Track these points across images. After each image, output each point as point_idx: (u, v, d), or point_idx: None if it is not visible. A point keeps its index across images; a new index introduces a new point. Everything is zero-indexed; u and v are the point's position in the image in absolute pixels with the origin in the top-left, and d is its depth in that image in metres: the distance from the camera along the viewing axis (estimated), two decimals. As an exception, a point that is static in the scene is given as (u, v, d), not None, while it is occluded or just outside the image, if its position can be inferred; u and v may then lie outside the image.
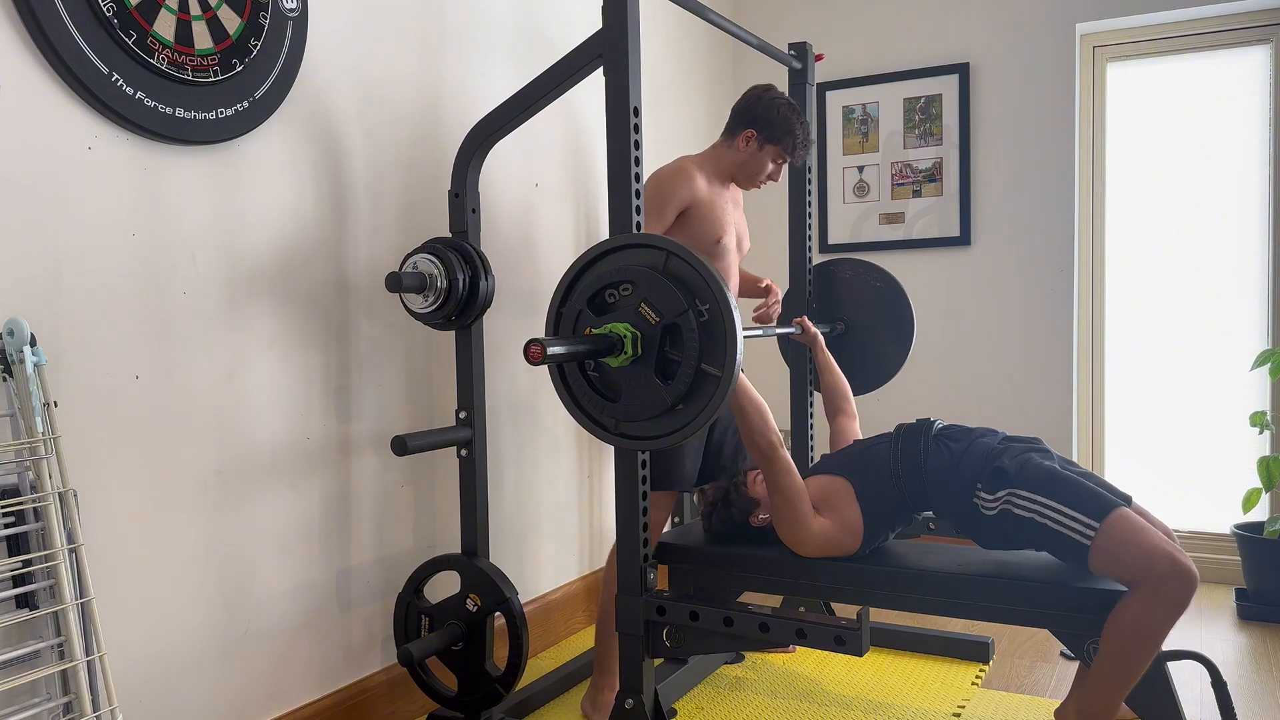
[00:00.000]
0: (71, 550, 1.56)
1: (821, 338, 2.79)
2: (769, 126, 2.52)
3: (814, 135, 2.62)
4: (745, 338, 1.84)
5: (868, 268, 3.02)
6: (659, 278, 1.75)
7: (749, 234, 2.74)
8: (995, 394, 3.72)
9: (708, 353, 1.72)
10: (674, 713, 2.41)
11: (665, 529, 2.69)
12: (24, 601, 1.54)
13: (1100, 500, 1.91)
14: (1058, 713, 2.16)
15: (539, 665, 2.76)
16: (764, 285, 2.79)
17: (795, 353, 3.03)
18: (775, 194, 3.60)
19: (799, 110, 2.57)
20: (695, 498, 3.33)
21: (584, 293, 1.82)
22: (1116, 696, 1.86)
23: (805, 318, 2.80)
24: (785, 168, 2.66)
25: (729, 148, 2.57)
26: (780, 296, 2.80)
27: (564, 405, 1.88)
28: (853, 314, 3.03)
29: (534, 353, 1.65)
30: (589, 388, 1.83)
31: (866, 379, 2.99)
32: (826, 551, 2.18)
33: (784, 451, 2.20)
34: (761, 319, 2.76)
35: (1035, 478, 1.98)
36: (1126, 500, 2.06)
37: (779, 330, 2.78)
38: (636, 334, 1.76)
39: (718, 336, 1.71)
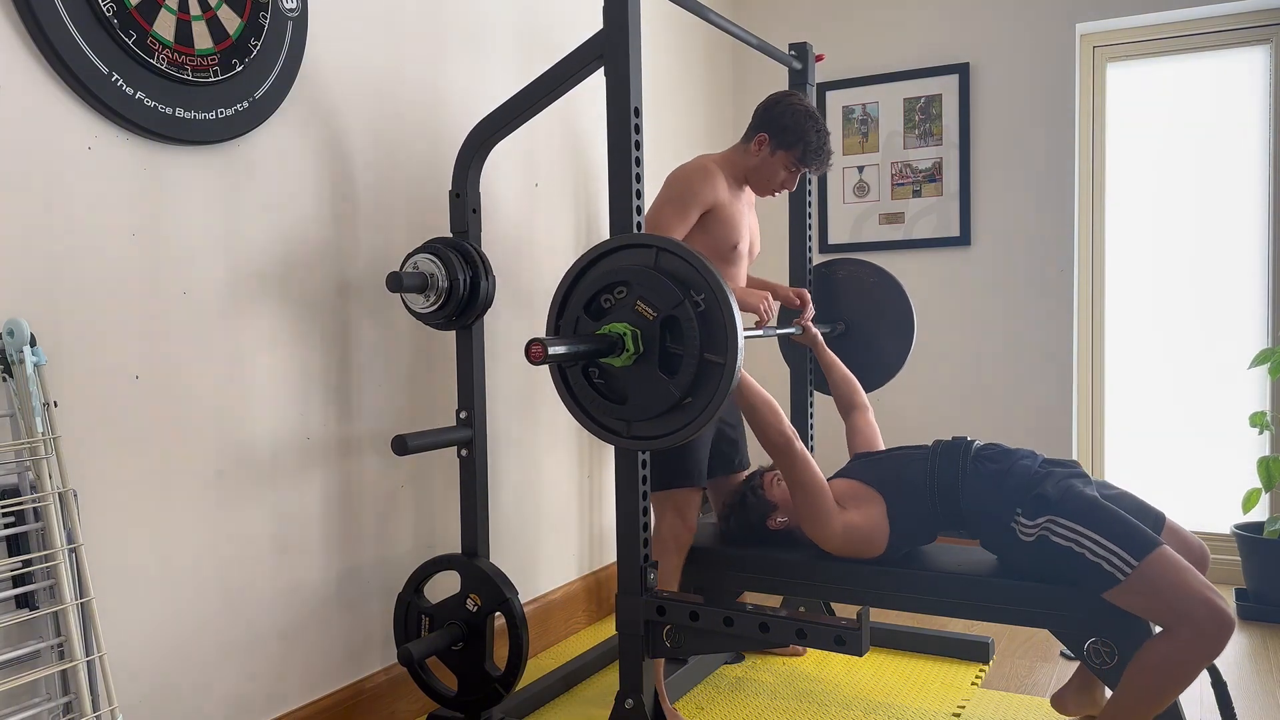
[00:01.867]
0: (71, 550, 1.56)
1: (821, 338, 2.79)
2: (782, 132, 2.46)
3: (831, 146, 2.53)
4: (745, 338, 1.83)
5: (860, 265, 3.02)
6: (651, 274, 1.75)
7: (760, 237, 2.73)
8: (995, 394, 3.72)
9: (708, 342, 1.72)
10: None
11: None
12: (24, 601, 1.54)
13: (1141, 537, 1.89)
14: (1055, 698, 2.16)
15: (539, 665, 2.76)
16: (797, 300, 2.77)
17: (795, 353, 3.03)
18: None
19: (817, 119, 2.49)
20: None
21: (579, 301, 1.83)
22: None
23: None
24: (800, 177, 2.59)
25: (744, 151, 2.53)
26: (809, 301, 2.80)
27: (574, 417, 1.86)
28: (852, 313, 3.03)
29: (535, 352, 1.65)
30: (596, 394, 1.83)
31: (868, 378, 2.98)
32: (850, 551, 2.17)
33: (800, 444, 2.19)
34: (804, 339, 2.77)
35: (1077, 506, 1.97)
36: (1160, 520, 2.05)
37: (779, 331, 2.78)
38: (636, 331, 1.76)
39: (716, 324, 1.71)
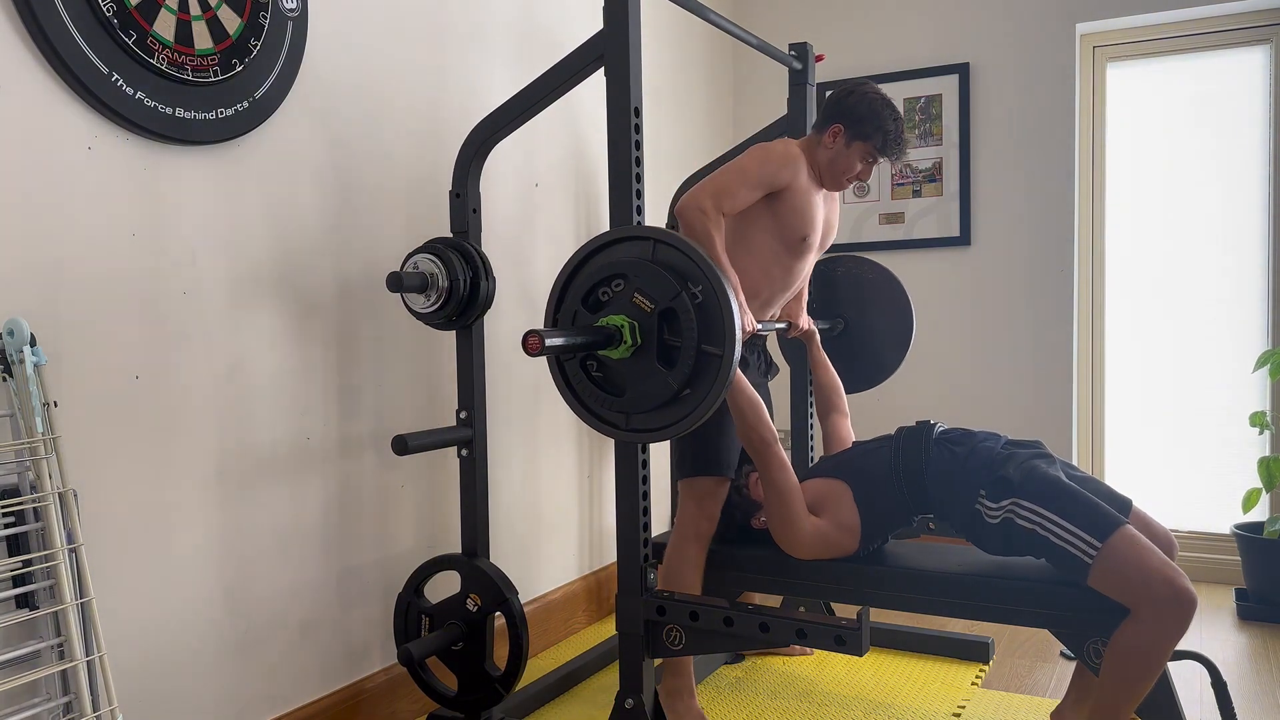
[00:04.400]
0: (71, 550, 1.56)
1: (817, 334, 2.78)
2: (858, 122, 2.37)
3: (905, 133, 2.45)
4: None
5: (860, 262, 3.01)
6: (649, 266, 1.75)
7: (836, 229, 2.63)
8: (995, 394, 3.72)
9: (706, 334, 1.72)
10: None
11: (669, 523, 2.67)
12: (24, 601, 1.54)
13: (1103, 518, 1.89)
14: (1054, 715, 2.16)
15: (539, 665, 2.76)
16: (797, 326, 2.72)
17: (794, 350, 3.03)
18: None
19: (892, 106, 2.42)
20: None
21: (577, 293, 1.82)
22: (1122, 715, 1.86)
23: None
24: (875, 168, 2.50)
25: (818, 144, 2.44)
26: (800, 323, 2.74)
27: (572, 409, 1.87)
28: (850, 311, 3.03)
29: (532, 344, 1.64)
30: (593, 386, 1.82)
31: (867, 376, 2.98)
32: (821, 553, 2.17)
33: (778, 448, 2.19)
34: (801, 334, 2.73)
35: (1039, 489, 1.97)
36: (1127, 506, 2.04)
37: (776, 326, 2.78)
38: (634, 323, 1.76)
39: (714, 316, 1.71)
